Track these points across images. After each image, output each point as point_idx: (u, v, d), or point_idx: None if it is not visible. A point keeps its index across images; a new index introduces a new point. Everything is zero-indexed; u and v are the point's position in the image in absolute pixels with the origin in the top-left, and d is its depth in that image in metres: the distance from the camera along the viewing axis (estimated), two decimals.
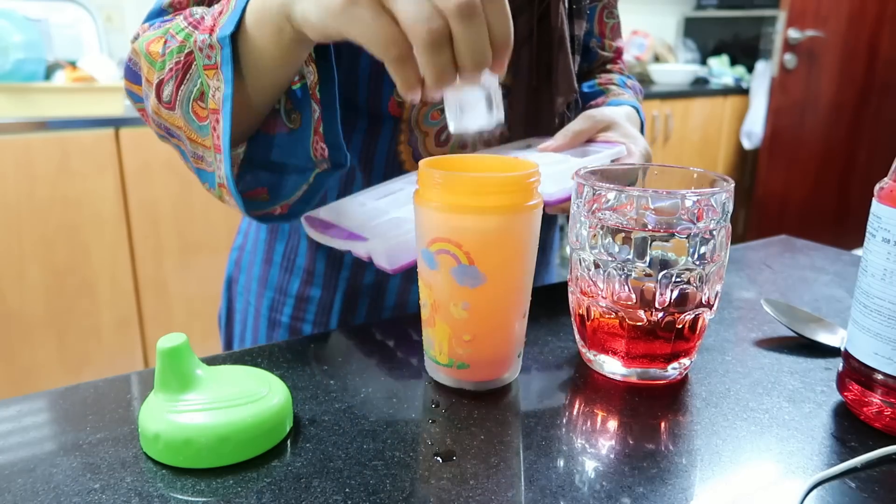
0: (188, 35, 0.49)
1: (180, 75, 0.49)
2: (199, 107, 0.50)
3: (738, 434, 0.42)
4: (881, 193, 0.41)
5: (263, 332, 0.72)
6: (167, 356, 0.39)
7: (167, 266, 1.77)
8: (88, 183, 1.62)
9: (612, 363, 0.49)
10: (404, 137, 0.63)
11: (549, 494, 0.36)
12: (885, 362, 0.41)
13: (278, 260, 0.71)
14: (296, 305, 0.70)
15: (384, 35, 0.37)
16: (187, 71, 0.49)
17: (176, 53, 0.49)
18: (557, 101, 0.67)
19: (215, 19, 0.48)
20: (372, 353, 0.52)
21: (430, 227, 0.43)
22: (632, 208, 0.44)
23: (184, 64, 0.49)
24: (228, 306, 0.79)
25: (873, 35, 2.87)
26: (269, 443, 0.40)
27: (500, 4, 0.38)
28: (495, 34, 0.38)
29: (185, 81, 0.49)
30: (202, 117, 0.50)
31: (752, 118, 2.98)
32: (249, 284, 0.74)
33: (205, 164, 0.53)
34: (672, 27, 3.48)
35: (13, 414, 0.44)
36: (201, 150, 0.52)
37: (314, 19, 0.41)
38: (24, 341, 1.62)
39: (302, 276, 0.69)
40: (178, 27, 0.50)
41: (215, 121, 0.48)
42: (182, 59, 0.49)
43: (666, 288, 0.45)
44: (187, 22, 0.50)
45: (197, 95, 0.49)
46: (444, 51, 0.37)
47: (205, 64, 0.48)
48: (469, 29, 0.37)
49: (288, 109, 0.53)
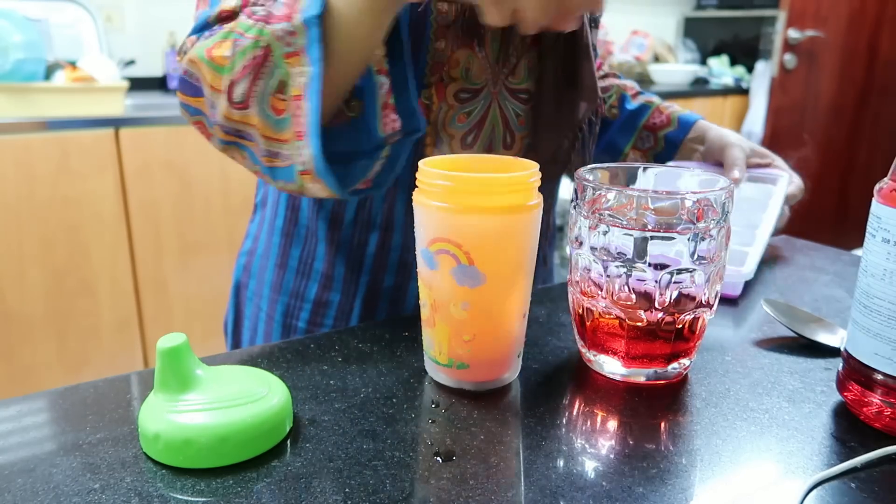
0: (260, 30, 0.48)
1: (255, 72, 0.49)
2: (278, 100, 0.49)
3: (737, 434, 0.42)
4: (881, 193, 0.41)
5: (277, 338, 0.72)
6: (167, 356, 0.39)
7: (167, 266, 1.76)
8: (88, 183, 1.62)
9: (612, 363, 0.49)
10: (430, 140, 0.63)
11: (549, 494, 0.36)
12: (884, 362, 0.41)
13: (294, 265, 0.70)
14: (313, 310, 0.69)
15: None
16: (263, 65, 0.48)
17: (251, 50, 0.48)
18: (581, 106, 0.67)
19: (290, 7, 0.48)
20: (372, 353, 0.52)
21: (430, 227, 0.43)
22: (632, 208, 0.44)
23: (261, 58, 0.48)
24: (236, 312, 0.77)
25: (873, 35, 2.87)
26: (268, 443, 0.40)
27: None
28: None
29: (261, 77, 0.49)
30: (280, 110, 0.49)
31: (752, 118, 2.97)
32: (261, 290, 0.73)
33: (279, 161, 0.52)
34: (672, 27, 3.48)
35: (13, 414, 0.44)
36: (276, 147, 0.51)
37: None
38: (23, 341, 1.62)
39: (320, 281, 0.68)
40: (246, 25, 0.50)
41: (296, 108, 0.48)
42: (258, 53, 0.48)
43: (666, 288, 0.45)
44: (254, 20, 0.50)
45: (275, 88, 0.49)
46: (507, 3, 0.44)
47: (285, 52, 0.48)
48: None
49: (347, 99, 0.53)
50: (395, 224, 0.66)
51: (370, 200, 0.66)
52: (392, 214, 0.65)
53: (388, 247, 0.66)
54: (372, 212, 0.66)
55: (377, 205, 0.65)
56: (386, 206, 0.65)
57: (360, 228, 0.66)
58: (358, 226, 0.66)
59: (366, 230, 0.66)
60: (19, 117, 1.54)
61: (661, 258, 0.44)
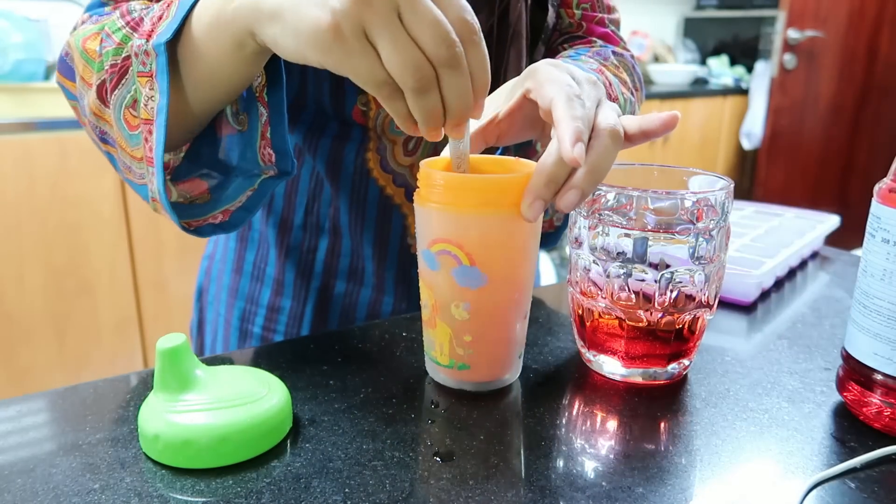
0: (126, 37, 0.47)
1: (115, 78, 0.47)
2: (130, 114, 0.47)
3: (737, 434, 0.42)
4: (881, 194, 0.41)
5: (234, 343, 0.71)
6: (167, 356, 0.39)
7: (167, 266, 1.76)
8: (88, 183, 1.62)
9: (612, 363, 0.49)
10: (373, 145, 0.62)
11: (549, 494, 0.36)
12: (884, 362, 0.41)
13: (248, 269, 0.69)
14: (267, 316, 0.69)
15: (374, 75, 0.37)
16: (123, 75, 0.47)
17: (112, 55, 0.47)
18: None
19: (154, 24, 0.46)
20: (371, 353, 0.52)
21: (432, 228, 0.43)
22: (632, 208, 0.44)
23: (120, 67, 0.47)
24: (199, 317, 0.77)
25: (873, 35, 2.87)
26: (268, 443, 0.40)
27: (482, 53, 0.38)
28: (476, 79, 0.38)
29: (120, 86, 0.47)
30: (133, 126, 0.47)
31: (752, 118, 2.98)
32: (220, 294, 0.72)
33: (133, 176, 0.50)
34: (671, 27, 3.48)
35: (13, 414, 0.44)
36: (129, 161, 0.49)
37: (290, 46, 0.39)
38: (23, 341, 1.62)
39: (272, 287, 0.68)
40: (115, 26, 0.48)
41: (147, 131, 0.46)
42: (119, 62, 0.46)
43: (665, 288, 0.45)
44: (124, 21, 0.48)
45: (129, 102, 0.47)
46: (433, 95, 0.37)
47: (139, 71, 0.46)
48: (455, 77, 0.37)
49: (235, 111, 0.50)
50: (342, 229, 0.65)
51: (317, 204, 0.65)
52: (338, 219, 0.65)
53: (338, 252, 0.66)
54: (319, 216, 0.65)
55: (324, 209, 0.65)
56: (332, 210, 0.64)
57: (310, 233, 0.66)
58: (307, 231, 0.66)
59: (315, 235, 0.66)
60: (19, 117, 1.54)
61: (660, 258, 0.44)
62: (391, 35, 0.35)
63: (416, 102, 0.37)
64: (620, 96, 0.60)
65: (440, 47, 0.35)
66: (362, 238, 0.65)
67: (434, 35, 0.35)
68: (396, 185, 0.64)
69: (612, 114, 0.42)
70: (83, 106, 0.51)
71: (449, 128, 0.39)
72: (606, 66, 0.64)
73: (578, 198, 0.40)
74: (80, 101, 0.51)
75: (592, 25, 0.70)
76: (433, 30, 0.35)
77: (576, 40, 0.70)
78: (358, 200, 0.64)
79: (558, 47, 0.70)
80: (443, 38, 0.35)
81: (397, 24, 0.35)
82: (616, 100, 0.59)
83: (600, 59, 0.64)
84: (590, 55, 0.65)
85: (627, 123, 0.44)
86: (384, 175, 0.63)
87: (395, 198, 0.64)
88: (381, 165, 0.63)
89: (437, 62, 0.36)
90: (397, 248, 0.66)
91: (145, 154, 0.47)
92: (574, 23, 0.70)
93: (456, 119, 0.39)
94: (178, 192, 0.51)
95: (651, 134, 0.45)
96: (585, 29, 0.70)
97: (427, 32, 0.35)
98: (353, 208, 0.64)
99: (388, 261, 0.66)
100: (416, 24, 0.35)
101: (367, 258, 0.66)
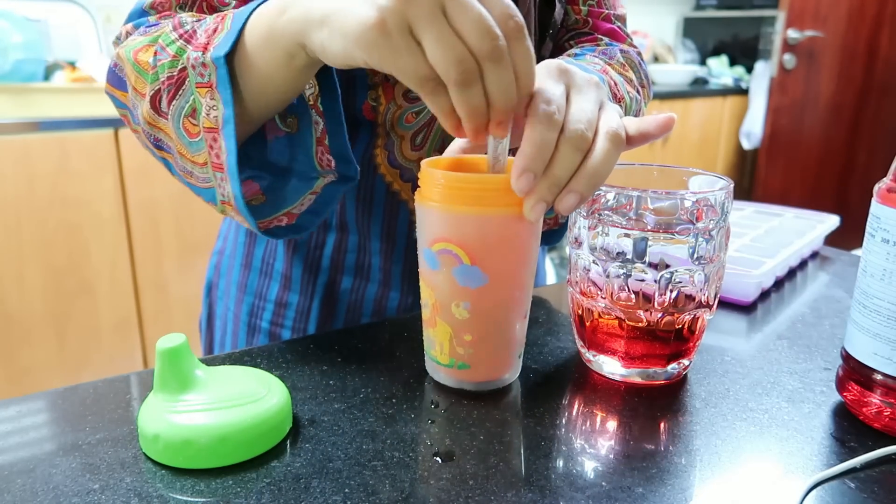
0: (180, 50, 0.48)
1: (173, 90, 0.48)
2: (190, 123, 0.48)
3: (737, 434, 0.42)
4: (880, 194, 0.41)
5: (243, 337, 0.71)
6: (166, 356, 0.39)
7: (167, 266, 1.76)
8: (88, 183, 1.62)
9: (612, 363, 0.49)
10: (381, 141, 0.62)
11: (549, 494, 0.36)
12: (884, 362, 0.41)
13: (257, 265, 0.70)
14: (275, 311, 0.69)
15: (418, 71, 0.37)
16: (180, 86, 0.48)
17: (168, 68, 0.48)
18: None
19: (209, 37, 0.47)
20: (371, 353, 0.52)
21: (432, 227, 0.43)
22: (631, 208, 0.44)
23: (177, 79, 0.48)
24: (209, 312, 0.77)
25: (872, 35, 2.87)
26: (268, 443, 0.40)
27: (526, 47, 0.38)
28: (520, 75, 0.38)
29: (178, 97, 0.48)
30: (193, 134, 0.49)
31: (752, 118, 2.98)
32: (229, 289, 0.73)
33: (195, 180, 0.52)
34: (671, 27, 3.48)
35: (12, 414, 0.44)
36: (190, 166, 0.51)
37: (337, 48, 0.39)
38: (23, 341, 1.62)
39: (280, 282, 0.68)
40: (169, 39, 0.49)
41: (212, 139, 0.47)
42: (175, 73, 0.48)
43: (665, 288, 0.45)
44: (178, 34, 0.49)
45: (188, 112, 0.48)
46: (476, 90, 0.38)
47: (198, 82, 0.47)
48: (498, 70, 0.37)
49: (282, 115, 0.52)
50: (349, 225, 0.65)
51: None
52: (345, 215, 0.65)
53: (345, 248, 0.66)
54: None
55: None
56: (339, 206, 0.65)
57: (318, 229, 0.66)
58: None
59: (322, 231, 0.66)
60: (19, 118, 1.54)
61: (660, 258, 0.44)
62: (436, 29, 0.36)
63: (460, 96, 0.37)
64: (626, 95, 0.61)
65: (483, 40, 0.36)
66: (369, 233, 0.66)
67: (478, 29, 0.36)
68: (403, 181, 0.64)
69: (614, 116, 0.42)
70: (136, 115, 0.52)
71: (493, 125, 0.39)
72: (612, 64, 0.64)
73: (577, 201, 0.40)
74: (133, 111, 0.53)
75: (598, 22, 0.70)
76: (477, 24, 0.36)
77: (582, 37, 0.70)
78: (365, 196, 0.64)
79: (564, 44, 0.70)
80: (486, 32, 0.36)
81: (441, 19, 0.36)
82: (622, 100, 0.59)
83: (605, 59, 0.64)
84: (595, 54, 0.65)
85: (626, 125, 0.44)
86: (391, 170, 0.63)
87: (402, 193, 0.64)
88: (389, 161, 0.63)
89: (481, 55, 0.36)
90: (404, 244, 0.66)
91: (210, 160, 0.48)
92: (580, 19, 0.70)
93: (500, 114, 0.39)
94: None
95: (649, 136, 0.45)
96: (591, 25, 0.70)
97: (471, 27, 0.36)
98: (361, 204, 0.64)
99: (394, 256, 0.67)
100: (460, 19, 0.36)
101: (374, 253, 0.66)
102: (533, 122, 0.40)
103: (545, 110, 0.40)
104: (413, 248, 0.66)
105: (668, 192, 0.45)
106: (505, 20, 0.37)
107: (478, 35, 0.36)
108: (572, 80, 0.43)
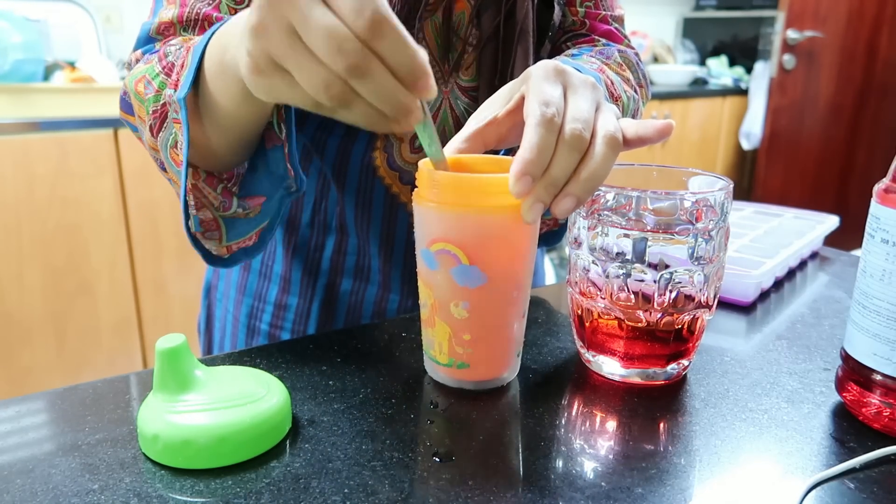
0: (162, 83, 0.49)
1: (158, 123, 0.50)
2: (174, 153, 0.50)
3: (736, 434, 0.42)
4: (880, 194, 0.41)
5: (242, 339, 0.71)
6: (166, 357, 0.39)
7: (166, 267, 1.76)
8: (87, 183, 1.62)
9: (611, 364, 0.49)
10: (380, 143, 0.62)
11: (549, 494, 0.36)
12: (883, 363, 0.41)
13: (256, 266, 0.70)
14: (274, 313, 0.69)
15: (305, 101, 0.35)
16: (164, 120, 0.49)
17: (153, 101, 0.49)
18: None
19: (178, 73, 0.47)
20: (371, 353, 0.52)
21: (431, 228, 0.43)
22: (631, 209, 0.44)
23: (160, 113, 0.49)
24: (208, 313, 0.77)
25: (872, 35, 2.87)
26: (267, 443, 0.40)
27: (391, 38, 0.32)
28: (399, 69, 0.33)
29: (163, 129, 0.49)
30: (178, 163, 0.49)
31: (751, 119, 2.98)
32: (228, 291, 0.73)
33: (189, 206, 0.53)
34: (671, 28, 3.48)
35: (12, 414, 0.44)
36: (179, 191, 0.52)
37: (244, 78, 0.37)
38: (22, 342, 1.62)
39: (280, 284, 0.68)
40: (154, 72, 0.50)
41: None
42: (159, 108, 0.49)
43: (665, 289, 0.45)
44: (161, 66, 0.49)
45: (172, 143, 0.49)
46: (357, 106, 0.34)
47: (173, 117, 0.48)
48: (367, 84, 0.33)
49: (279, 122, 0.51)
50: (349, 228, 0.65)
51: (324, 202, 0.65)
52: (345, 217, 0.65)
53: (345, 250, 0.66)
54: (327, 214, 0.65)
55: (331, 207, 0.65)
56: (339, 208, 0.65)
57: (317, 232, 0.66)
58: (314, 229, 0.66)
59: (322, 234, 0.66)
60: (18, 118, 1.54)
61: (659, 258, 0.44)
62: (292, 60, 0.33)
63: (346, 116, 0.35)
64: (623, 94, 0.60)
65: (337, 59, 0.32)
66: (368, 236, 0.66)
67: (328, 47, 0.32)
68: (402, 183, 0.64)
69: (611, 118, 0.42)
70: (144, 138, 0.54)
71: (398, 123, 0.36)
72: (609, 64, 0.64)
73: (574, 204, 0.40)
74: (142, 135, 0.54)
75: (596, 23, 0.70)
76: (325, 41, 0.32)
77: (579, 38, 0.70)
78: (364, 199, 0.64)
79: (562, 46, 0.70)
80: (337, 49, 0.31)
81: (297, 45, 0.32)
82: (619, 99, 0.59)
83: (602, 58, 0.64)
84: (592, 54, 0.65)
85: (625, 128, 0.44)
86: (390, 173, 0.63)
87: (402, 196, 0.64)
88: (388, 163, 0.63)
89: (343, 76, 0.32)
90: (403, 246, 0.66)
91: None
92: (577, 21, 0.70)
93: (396, 113, 0.35)
94: (241, 205, 0.53)
95: (646, 140, 0.45)
96: (589, 27, 0.70)
97: (322, 45, 0.32)
98: (360, 206, 0.64)
99: (394, 258, 0.66)
100: (310, 39, 0.32)
101: (374, 256, 0.66)
102: (532, 125, 0.39)
103: (544, 113, 0.39)
104: (412, 251, 0.67)
105: (667, 193, 0.45)
106: (354, 20, 0.31)
107: (331, 54, 0.32)
108: (569, 81, 0.43)
